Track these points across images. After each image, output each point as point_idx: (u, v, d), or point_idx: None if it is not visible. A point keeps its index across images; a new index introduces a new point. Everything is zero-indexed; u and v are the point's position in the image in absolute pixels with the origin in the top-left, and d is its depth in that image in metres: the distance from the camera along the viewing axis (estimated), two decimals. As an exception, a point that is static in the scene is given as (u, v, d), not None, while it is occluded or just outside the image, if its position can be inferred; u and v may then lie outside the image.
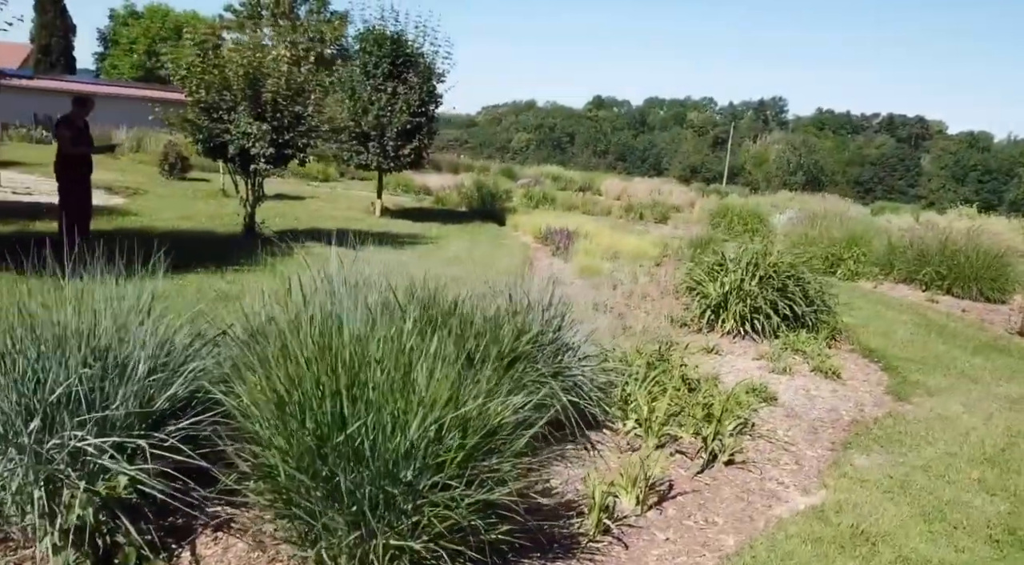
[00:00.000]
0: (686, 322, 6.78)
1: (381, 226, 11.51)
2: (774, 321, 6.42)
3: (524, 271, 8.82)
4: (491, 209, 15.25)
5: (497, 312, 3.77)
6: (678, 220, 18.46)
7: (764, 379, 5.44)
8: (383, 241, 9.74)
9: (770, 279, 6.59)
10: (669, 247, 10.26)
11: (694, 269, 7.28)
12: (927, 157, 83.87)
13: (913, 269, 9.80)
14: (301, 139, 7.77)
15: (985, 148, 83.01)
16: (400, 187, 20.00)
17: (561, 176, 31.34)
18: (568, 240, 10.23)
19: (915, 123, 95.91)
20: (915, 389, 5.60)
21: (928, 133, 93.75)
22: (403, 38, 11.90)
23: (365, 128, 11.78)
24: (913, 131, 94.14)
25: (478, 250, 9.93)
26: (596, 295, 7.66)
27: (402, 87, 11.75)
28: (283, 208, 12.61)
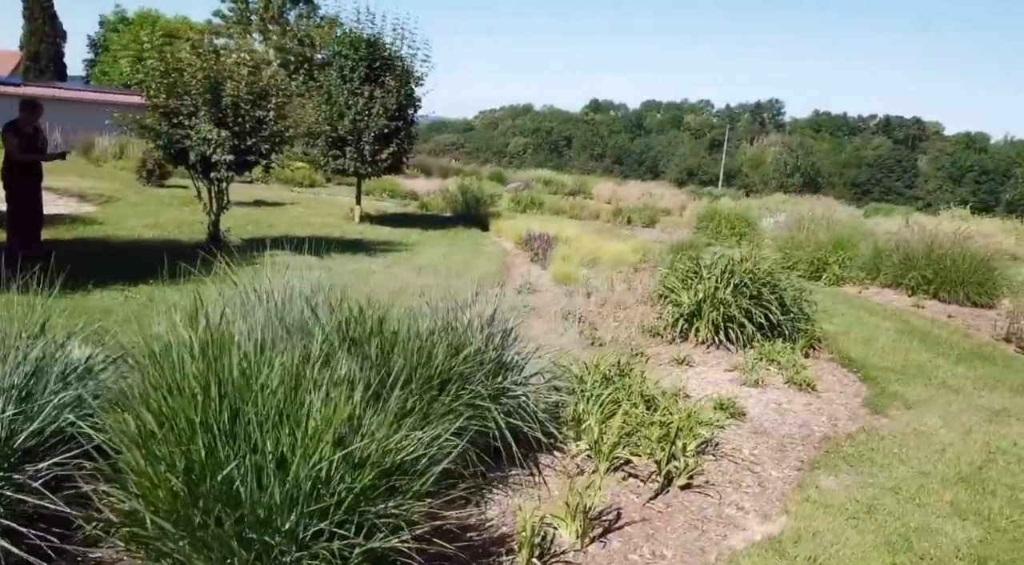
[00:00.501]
0: (659, 331, 6.55)
1: (357, 233, 11.28)
2: (748, 330, 6.19)
3: (498, 278, 8.59)
4: (475, 214, 15.03)
5: (435, 328, 3.53)
6: (666, 224, 18.24)
7: (734, 393, 5.20)
8: (356, 248, 9.52)
9: (745, 287, 6.36)
10: (650, 253, 10.04)
11: (668, 276, 7.05)
12: (924, 158, 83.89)
13: (899, 273, 9.57)
14: (264, 145, 7.54)
15: (982, 149, 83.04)
16: (387, 192, 19.78)
17: (553, 180, 31.12)
18: (547, 246, 10.01)
19: (912, 124, 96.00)
20: (893, 401, 5.37)
21: (925, 134, 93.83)
22: (380, 41, 11.70)
23: (342, 133, 11.56)
24: (910, 132, 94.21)
25: (454, 257, 9.71)
26: (569, 303, 7.43)
27: (379, 91, 11.54)
28: (260, 215, 12.38)
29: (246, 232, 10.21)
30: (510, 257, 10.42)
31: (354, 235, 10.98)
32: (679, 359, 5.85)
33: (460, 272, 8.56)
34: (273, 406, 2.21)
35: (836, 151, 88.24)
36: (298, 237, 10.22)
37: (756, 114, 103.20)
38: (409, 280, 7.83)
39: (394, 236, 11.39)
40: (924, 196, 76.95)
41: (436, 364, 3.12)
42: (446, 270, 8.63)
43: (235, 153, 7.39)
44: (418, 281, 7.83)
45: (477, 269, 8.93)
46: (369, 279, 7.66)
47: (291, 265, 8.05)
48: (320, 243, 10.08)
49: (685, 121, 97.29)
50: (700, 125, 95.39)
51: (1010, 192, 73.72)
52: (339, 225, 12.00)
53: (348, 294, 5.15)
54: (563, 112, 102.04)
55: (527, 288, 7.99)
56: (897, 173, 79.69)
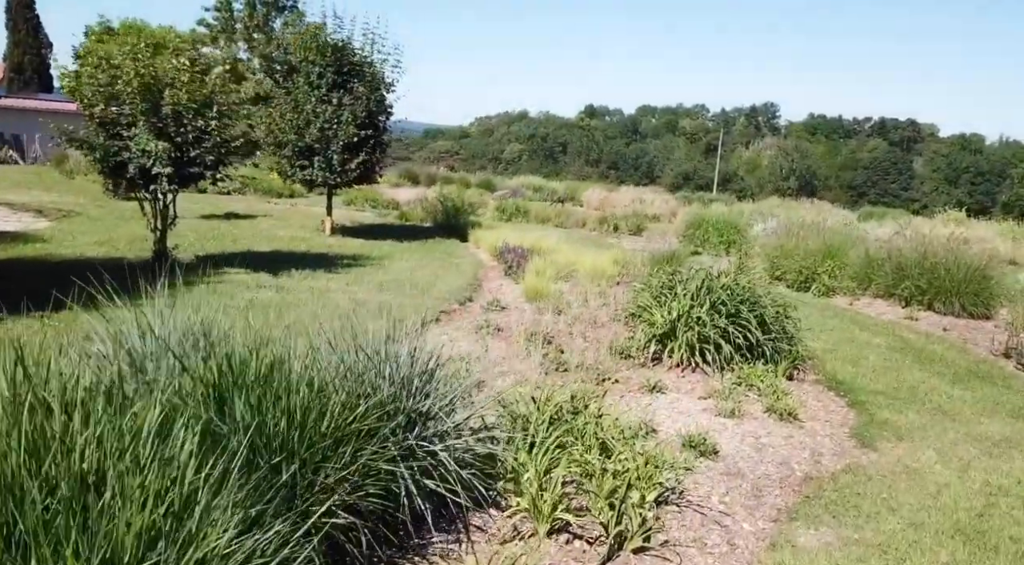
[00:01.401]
0: (630, 353, 6.04)
1: (326, 246, 10.79)
2: (726, 351, 5.69)
3: (466, 294, 8.09)
4: (455, 224, 14.54)
5: (339, 371, 3.02)
6: (654, 231, 17.73)
7: (707, 426, 4.70)
8: (319, 264, 9.02)
9: (722, 305, 5.86)
10: (630, 264, 9.55)
11: (641, 293, 6.55)
12: (919, 160, 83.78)
13: (892, 283, 9.08)
14: (208, 156, 7.03)
15: (977, 150, 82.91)
16: (368, 202, 19.30)
17: (543, 187, 30.67)
18: (521, 258, 9.51)
19: (907, 126, 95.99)
20: (883, 431, 4.87)
21: (920, 136, 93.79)
22: (348, 46, 11.24)
23: (309, 141, 11.08)
24: (905, 134, 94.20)
25: (423, 271, 9.20)
26: (537, 322, 6.93)
27: (348, 98, 11.07)
28: (226, 228, 11.88)
29: (204, 247, 9.71)
30: (483, 270, 9.92)
31: (321, 249, 10.47)
32: (650, 385, 5.35)
33: (425, 288, 8.08)
34: (63, 503, 1.70)
35: (832, 154, 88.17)
36: (260, 252, 9.73)
37: (751, 118, 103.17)
38: (367, 298, 7.34)
39: (364, 249, 10.89)
40: (920, 198, 76.74)
41: (329, 421, 2.61)
42: (411, 286, 8.14)
43: (177, 166, 6.89)
44: (377, 299, 7.34)
45: (445, 284, 8.44)
46: (322, 299, 7.16)
47: (240, 284, 7.55)
48: (282, 258, 9.61)
49: (680, 126, 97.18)
50: (695, 129, 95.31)
51: (1006, 193, 73.55)
52: (308, 238, 11.50)
53: (265, 322, 4.63)
54: (559, 118, 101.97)
55: (495, 305, 7.49)
56: (893, 175, 79.51)
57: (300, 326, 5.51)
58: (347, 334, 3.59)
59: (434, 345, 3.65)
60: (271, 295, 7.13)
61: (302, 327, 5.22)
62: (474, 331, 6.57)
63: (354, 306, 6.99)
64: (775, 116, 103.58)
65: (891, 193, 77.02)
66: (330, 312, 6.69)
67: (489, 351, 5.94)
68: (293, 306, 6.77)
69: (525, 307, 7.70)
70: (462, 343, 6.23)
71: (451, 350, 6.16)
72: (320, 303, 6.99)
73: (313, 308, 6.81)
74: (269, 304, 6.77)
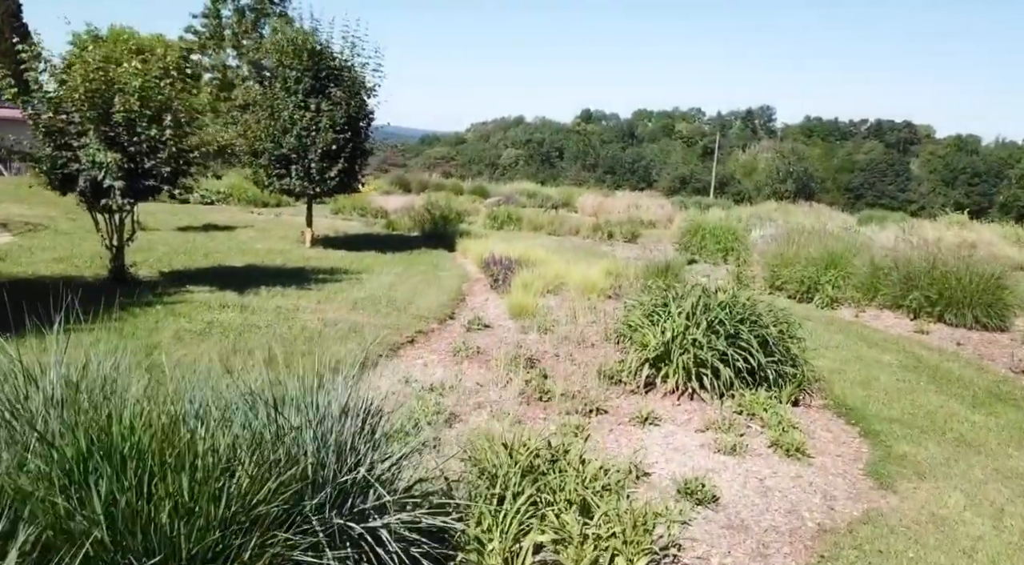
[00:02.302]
0: (621, 378, 5.52)
1: (303, 259, 10.26)
2: (725, 376, 5.17)
3: (447, 311, 7.57)
4: (443, 233, 14.03)
5: (254, 429, 2.50)
6: (649, 238, 17.26)
7: (706, 465, 4.18)
8: (293, 279, 8.50)
9: (720, 324, 5.35)
10: (623, 276, 9.03)
11: (632, 311, 6.04)
12: (916, 161, 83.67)
13: (899, 294, 8.58)
14: (164, 167, 6.50)
15: (974, 151, 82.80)
16: (356, 210, 18.79)
17: (537, 193, 30.18)
18: (508, 271, 8.99)
19: (903, 128, 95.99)
20: (902, 468, 4.35)
21: (916, 137, 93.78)
22: (326, 50, 10.76)
23: (286, 149, 10.57)
24: (901, 136, 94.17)
25: (403, 286, 8.68)
26: (522, 342, 6.42)
27: (326, 104, 10.58)
28: (201, 241, 11.35)
29: (172, 263, 9.18)
30: (469, 283, 9.40)
31: (298, 262, 9.95)
32: (642, 416, 4.83)
33: (403, 306, 7.55)
34: None
35: (828, 156, 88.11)
36: (232, 267, 9.22)
37: (747, 121, 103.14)
38: (338, 318, 6.81)
39: (344, 262, 10.37)
40: (917, 199, 76.57)
41: (227, 505, 2.08)
42: (387, 303, 7.62)
43: (130, 178, 6.37)
44: (348, 319, 6.81)
45: (425, 300, 7.92)
46: (288, 319, 6.64)
47: (201, 304, 7.02)
48: (255, 274, 9.05)
49: (677, 129, 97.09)
50: (692, 133, 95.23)
51: (1004, 194, 73.35)
52: (286, 251, 10.98)
53: (220, 348, 4.13)
54: (555, 123, 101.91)
55: (477, 324, 6.96)
56: (890, 177, 79.32)
57: (237, 359, 4.99)
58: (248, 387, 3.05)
59: (393, 382, 3.12)
60: (233, 316, 6.60)
61: (236, 362, 4.69)
62: (451, 354, 6.05)
63: (322, 327, 6.49)
64: (771, 119, 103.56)
65: (888, 195, 76.88)
66: (294, 335, 6.18)
67: (465, 378, 5.43)
68: (254, 329, 6.25)
69: (509, 325, 7.18)
70: (437, 368, 5.71)
71: (424, 377, 5.65)
72: (286, 324, 6.47)
73: (277, 330, 6.30)
74: (229, 327, 6.25)
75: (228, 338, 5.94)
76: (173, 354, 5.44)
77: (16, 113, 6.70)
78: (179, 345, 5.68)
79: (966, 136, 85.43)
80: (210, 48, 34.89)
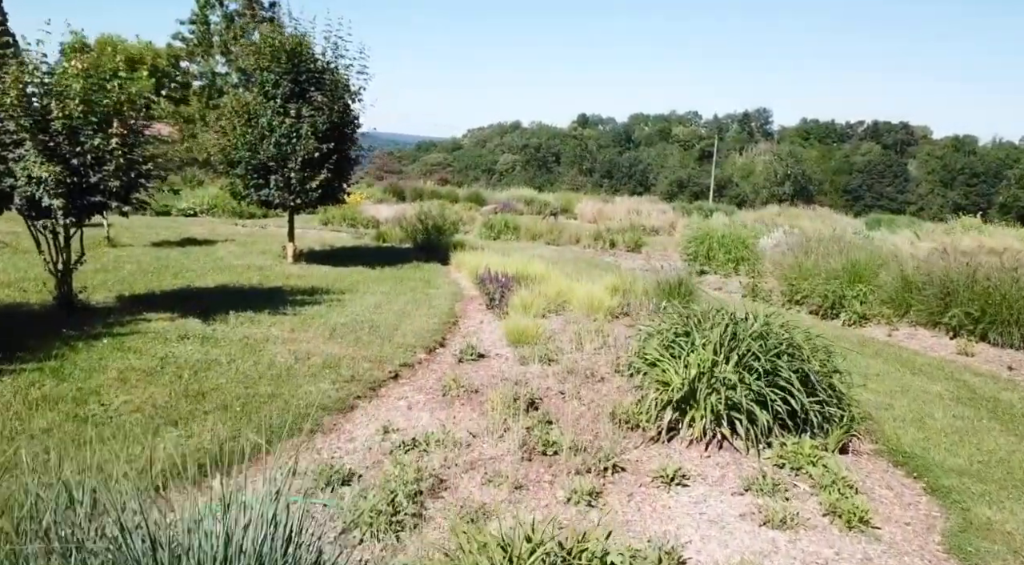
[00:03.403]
0: (639, 422, 4.72)
1: (283, 277, 9.44)
2: (762, 421, 4.37)
3: (437, 337, 6.76)
4: (436, 244, 13.23)
5: None
6: (654, 247, 16.47)
7: (751, 545, 3.38)
8: (268, 301, 7.68)
9: (754, 358, 4.56)
10: (631, 293, 8.24)
11: (648, 341, 5.24)
12: (913, 162, 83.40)
13: (936, 310, 7.79)
14: (113, 182, 5.69)
15: (971, 151, 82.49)
16: (346, 220, 17.98)
17: (535, 199, 29.39)
18: (505, 288, 8.19)
19: (900, 129, 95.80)
20: (989, 543, 3.55)
21: (913, 139, 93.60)
22: (305, 51, 9.98)
23: (264, 158, 9.78)
24: (898, 137, 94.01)
25: (390, 307, 7.87)
26: (521, 376, 5.61)
27: (307, 109, 9.80)
28: (174, 258, 10.53)
29: (136, 285, 8.37)
30: (462, 303, 8.59)
31: (276, 281, 9.13)
32: (667, 474, 4.02)
33: (388, 332, 6.74)
34: None
35: (825, 158, 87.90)
36: (202, 289, 8.40)
37: (744, 124, 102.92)
38: (312, 349, 6.00)
39: (327, 279, 9.56)
40: (916, 200, 76.23)
41: None
42: (370, 330, 6.81)
43: (71, 195, 5.55)
44: (324, 350, 6.00)
45: (413, 325, 7.11)
46: (255, 353, 5.83)
47: (158, 335, 6.21)
48: (227, 295, 8.22)
49: (673, 133, 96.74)
50: (689, 137, 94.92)
51: (1004, 194, 73.01)
52: (265, 268, 10.15)
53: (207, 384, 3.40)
54: (551, 128, 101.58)
55: (470, 353, 6.15)
56: (888, 178, 78.94)
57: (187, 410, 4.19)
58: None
59: (370, 432, 2.32)
60: (192, 350, 5.79)
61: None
62: (440, 393, 5.24)
63: (293, 362, 5.68)
64: (768, 121, 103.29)
65: (887, 196, 76.54)
66: (260, 373, 5.37)
67: (456, 425, 4.62)
68: (214, 366, 5.44)
69: (507, 354, 6.37)
70: (422, 412, 4.90)
71: (407, 423, 4.86)
72: (251, 359, 5.66)
73: (241, 366, 5.48)
74: (185, 364, 5.44)
75: (181, 379, 5.13)
76: (113, 402, 4.64)
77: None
78: (121, 389, 4.87)
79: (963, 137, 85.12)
80: (198, 55, 34.15)
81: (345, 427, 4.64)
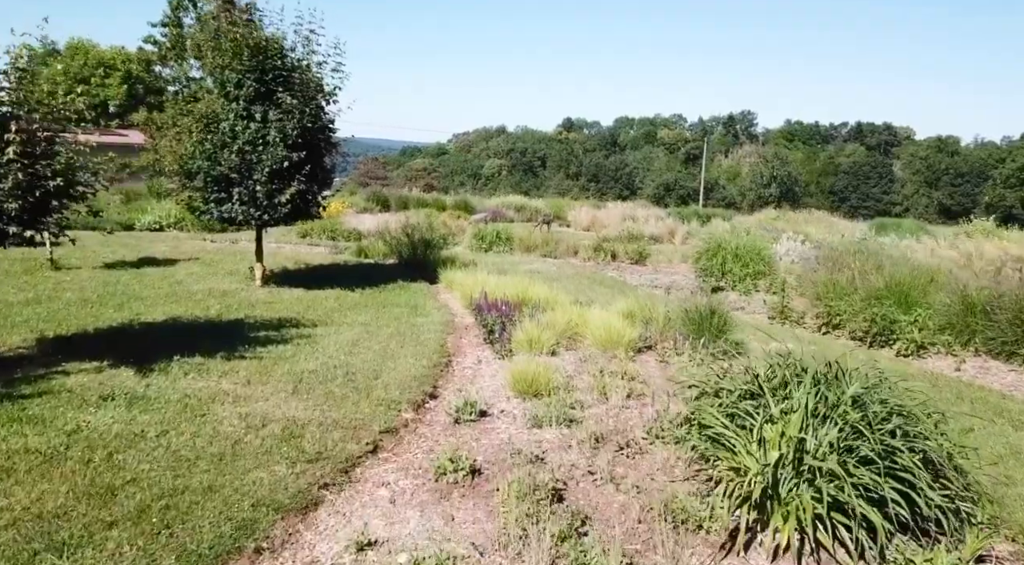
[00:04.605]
0: (701, 522, 3.52)
1: (248, 305, 8.15)
2: (879, 527, 3.20)
3: (427, 386, 5.53)
4: (424, 259, 11.99)
5: None
6: (659, 258, 15.33)
7: None
8: (223, 341, 6.40)
9: (857, 435, 3.39)
10: (652, 321, 7.06)
11: (703, 404, 4.05)
12: (898, 163, 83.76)
13: (1011, 339, 6.69)
14: (11, 202, 4.38)
15: (954, 152, 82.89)
16: (327, 233, 16.69)
17: (526, 206, 28.25)
18: (506, 318, 6.98)
19: (883, 130, 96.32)
20: None
21: (896, 139, 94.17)
22: (271, 45, 8.73)
23: (226, 169, 8.50)
24: (882, 138, 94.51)
25: (370, 345, 6.62)
26: (536, 447, 4.40)
27: (274, 112, 8.55)
28: (125, 283, 9.18)
29: (69, 321, 7.04)
30: (455, 335, 7.36)
31: (238, 312, 7.84)
32: (758, 615, 2.82)
33: (366, 382, 5.50)
34: None
35: (810, 160, 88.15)
36: (148, 324, 7.09)
37: (729, 126, 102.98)
38: (270, 412, 4.74)
39: (300, 306, 8.28)
40: (901, 201, 76.37)
41: None
42: (345, 378, 5.56)
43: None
44: (285, 413, 4.74)
45: (397, 370, 5.86)
46: (196, 419, 4.56)
47: (75, 394, 4.91)
48: (177, 333, 6.84)
49: (659, 136, 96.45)
50: (674, 139, 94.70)
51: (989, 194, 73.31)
52: (229, 293, 8.85)
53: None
54: (537, 132, 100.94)
55: (468, 411, 4.93)
56: (874, 179, 79.02)
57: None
58: None
59: (339, 550, 0.93)
60: (114, 417, 4.52)
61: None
62: (433, 477, 4.01)
63: (243, 432, 4.42)
64: (752, 124, 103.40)
65: (873, 198, 76.64)
66: (197, 452, 4.10)
67: (456, 534, 3.39)
68: (138, 442, 4.17)
69: (514, 410, 5.15)
70: (410, 512, 3.67)
71: (390, 533, 3.62)
72: (189, 430, 4.40)
73: (174, 443, 4.22)
74: (99, 440, 4.17)
75: (90, 465, 3.86)
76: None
77: None
78: (2, 486, 3.59)
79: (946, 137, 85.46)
80: (171, 59, 32.67)
81: (305, 538, 3.40)
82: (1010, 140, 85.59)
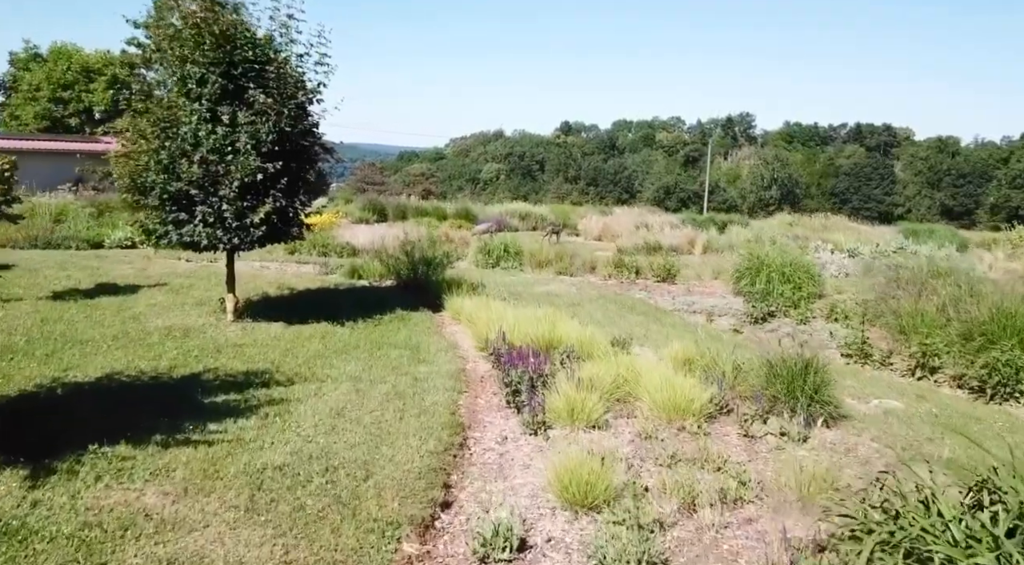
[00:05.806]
0: None
1: (212, 350, 6.59)
2: None
3: (440, 486, 3.99)
4: (426, 282, 10.47)
5: None
6: (688, 274, 13.79)
7: None
8: (166, 411, 4.83)
9: None
10: (722, 374, 5.53)
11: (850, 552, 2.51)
12: (898, 164, 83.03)
13: None
14: None
15: (954, 152, 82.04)
16: (317, 248, 15.14)
17: (530, 213, 26.78)
18: (536, 376, 5.44)
19: (883, 131, 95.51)
20: None
21: (896, 140, 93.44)
22: (239, 32, 7.22)
23: (185, 183, 6.96)
24: (881, 139, 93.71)
25: (358, 416, 5.07)
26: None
27: (245, 114, 7.02)
28: (68, 319, 7.61)
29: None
30: (470, 394, 5.81)
31: (200, 359, 6.27)
32: None
33: (353, 486, 3.94)
34: None
35: (810, 161, 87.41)
36: (76, 385, 5.51)
37: (728, 128, 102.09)
38: (207, 555, 3.18)
39: (277, 350, 6.74)
40: (903, 202, 75.40)
41: None
42: (323, 479, 4.00)
43: None
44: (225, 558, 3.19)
45: (394, 458, 4.31)
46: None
47: None
48: (110, 398, 5.19)
49: (658, 139, 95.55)
50: (673, 142, 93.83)
51: (994, 195, 72.41)
52: (193, 331, 7.30)
53: None
54: (535, 136, 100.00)
55: (501, 542, 3.38)
56: (875, 181, 78.04)
57: None
58: None
59: None
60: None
61: None
62: None
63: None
64: (751, 126, 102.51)
65: (874, 199, 75.73)
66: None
67: None
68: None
69: (563, 535, 3.60)
70: None
71: None
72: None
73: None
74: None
75: None
76: None
77: None
78: None
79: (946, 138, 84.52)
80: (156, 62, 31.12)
81: None
82: (1010, 140, 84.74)
